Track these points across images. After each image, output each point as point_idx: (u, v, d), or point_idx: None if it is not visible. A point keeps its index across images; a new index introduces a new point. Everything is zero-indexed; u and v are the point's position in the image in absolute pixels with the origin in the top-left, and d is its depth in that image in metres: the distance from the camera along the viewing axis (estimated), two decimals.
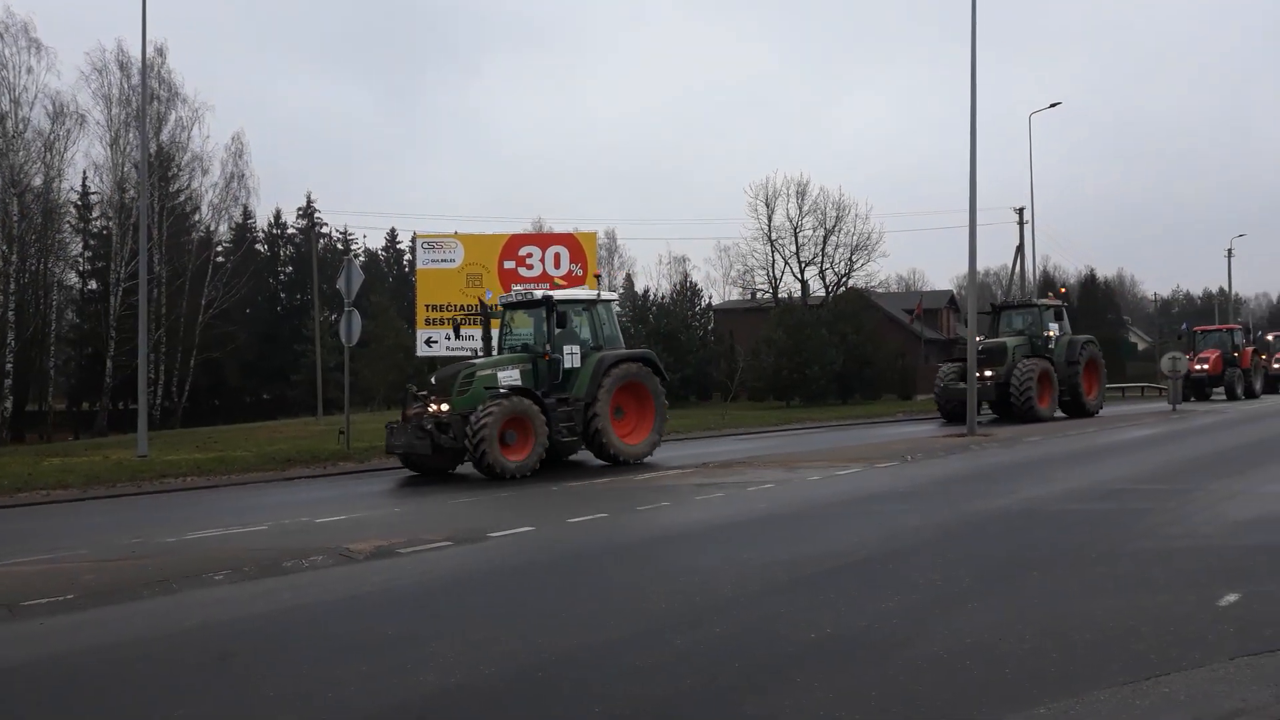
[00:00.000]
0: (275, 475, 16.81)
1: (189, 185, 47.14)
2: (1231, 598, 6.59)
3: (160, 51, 43.52)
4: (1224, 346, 40.71)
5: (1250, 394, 39.72)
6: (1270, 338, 52.96)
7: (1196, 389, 39.23)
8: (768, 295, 52.86)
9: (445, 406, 15.16)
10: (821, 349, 40.90)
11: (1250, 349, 41.21)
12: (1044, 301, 30.16)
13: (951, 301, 62.94)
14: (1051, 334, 28.32)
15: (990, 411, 27.99)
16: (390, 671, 5.44)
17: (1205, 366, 39.81)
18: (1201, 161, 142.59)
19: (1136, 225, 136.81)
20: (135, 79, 41.31)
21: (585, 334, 16.77)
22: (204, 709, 5.01)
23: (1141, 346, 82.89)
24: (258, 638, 6.35)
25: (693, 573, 7.86)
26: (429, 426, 14.95)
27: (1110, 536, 9.11)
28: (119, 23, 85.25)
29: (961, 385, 27.13)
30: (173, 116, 45.15)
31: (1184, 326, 47.96)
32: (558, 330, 16.07)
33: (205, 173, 47.24)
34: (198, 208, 48.37)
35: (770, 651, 5.64)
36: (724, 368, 44.74)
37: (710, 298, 59.09)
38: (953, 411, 27.64)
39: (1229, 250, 69.31)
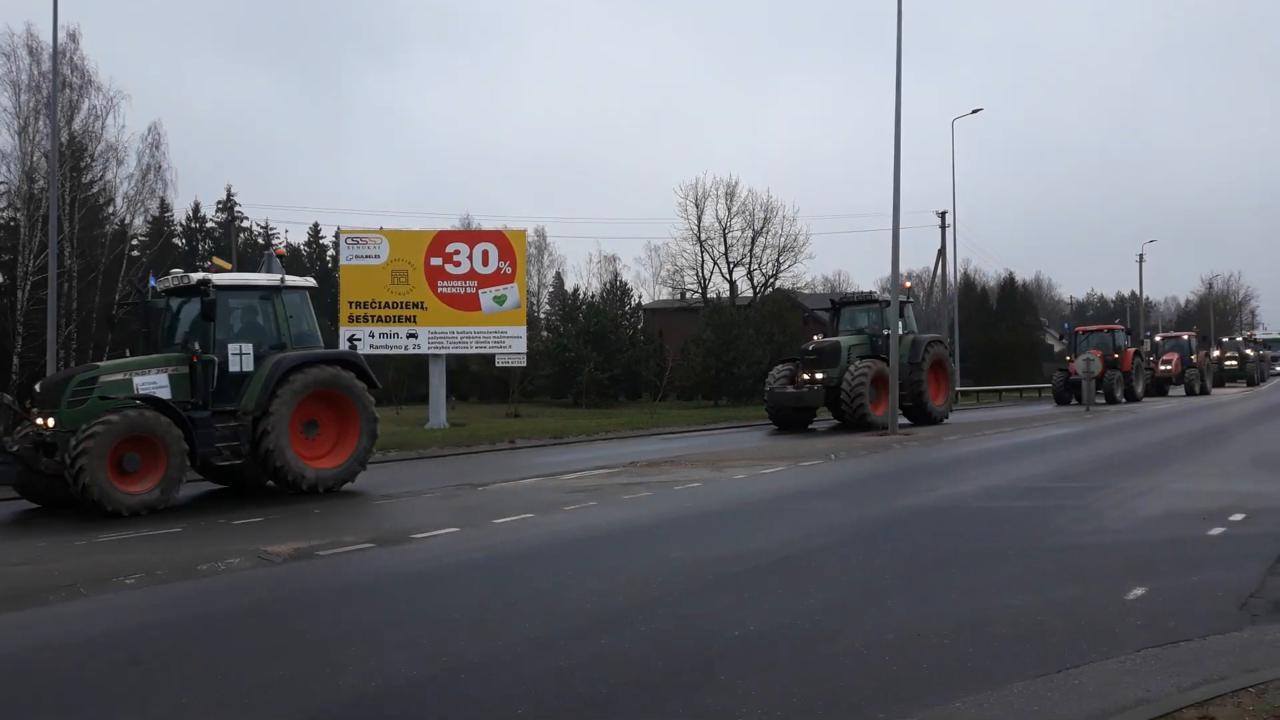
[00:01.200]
0: (191, 475, 16.28)
1: (102, 176, 45.50)
2: (1139, 591, 6.82)
3: (72, 37, 41.99)
4: (1105, 348, 38.49)
5: (1131, 396, 37.99)
6: (1158, 339, 52.03)
7: (1076, 391, 37.03)
8: (697, 295, 53.21)
9: (52, 421, 11.93)
10: (749, 349, 41.27)
11: (1132, 350, 39.55)
12: (886, 296, 27.16)
13: None
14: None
15: (833, 418, 25.65)
16: (309, 675, 5.33)
17: None
18: (1112, 171, 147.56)
19: (1053, 230, 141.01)
20: (46, 64, 39.79)
21: (270, 330, 13.57)
22: (113, 717, 4.85)
23: (1058, 348, 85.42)
24: (171, 643, 6.16)
25: (619, 572, 7.86)
26: (15, 449, 11.86)
27: (1026, 533, 9.36)
28: (29, 5, 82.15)
29: (790, 389, 25.21)
30: (85, 105, 43.56)
31: (1064, 326, 46.39)
32: (237, 324, 13.33)
33: (120, 163, 45.62)
34: (112, 200, 46.74)
35: (695, 649, 5.67)
36: (653, 367, 44.91)
37: (640, 297, 59.28)
38: (783, 418, 25.57)
39: (1140, 256, 71.93)
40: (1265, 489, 11.99)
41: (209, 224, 60.46)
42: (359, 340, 28.03)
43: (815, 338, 27.34)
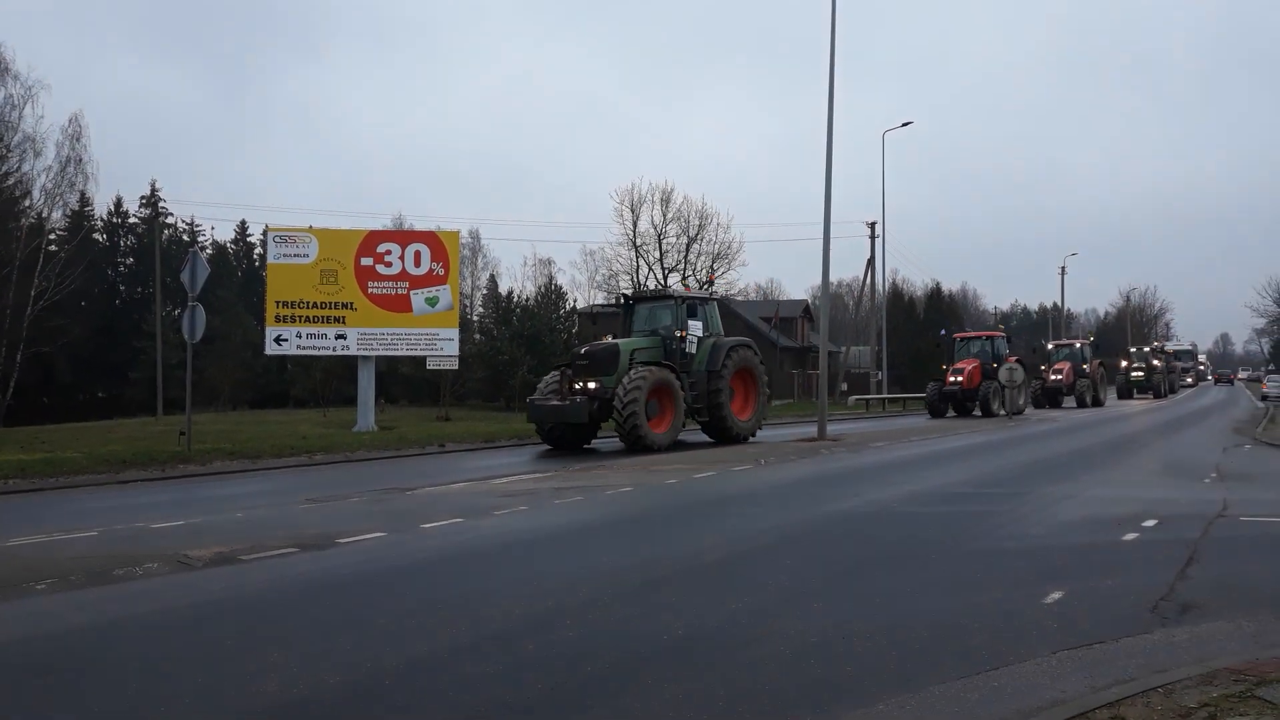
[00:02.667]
0: (108, 478, 15.87)
1: (19, 168, 44.11)
2: (1056, 595, 7.00)
3: None
4: (984, 357, 35.87)
5: (1013, 409, 33.74)
6: (1050, 346, 50.33)
7: (955, 404, 34.99)
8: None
9: None
10: None
11: (1013, 359, 35.09)
12: (681, 293, 23.02)
13: (806, 311, 64.93)
14: (688, 335, 21.86)
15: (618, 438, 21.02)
16: (229, 683, 5.20)
17: (959, 379, 34.77)
18: (1033, 187, 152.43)
19: (979, 243, 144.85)
20: None
21: None
22: None
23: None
24: (83, 651, 5.96)
25: (546, 577, 7.83)
26: None
27: (949, 537, 9.55)
28: None
29: (554, 401, 20.96)
30: (1, 93, 42.21)
31: (942, 333, 43.68)
32: None
33: (38, 155, 44.32)
34: (28, 192, 45.31)
35: (621, 654, 5.67)
36: None
37: (575, 301, 59.11)
38: (554, 435, 21.31)
39: (1062, 268, 74.22)
40: (1176, 496, 12.42)
41: (131, 219, 58.93)
42: (285, 340, 27.53)
43: (607, 338, 23.38)
